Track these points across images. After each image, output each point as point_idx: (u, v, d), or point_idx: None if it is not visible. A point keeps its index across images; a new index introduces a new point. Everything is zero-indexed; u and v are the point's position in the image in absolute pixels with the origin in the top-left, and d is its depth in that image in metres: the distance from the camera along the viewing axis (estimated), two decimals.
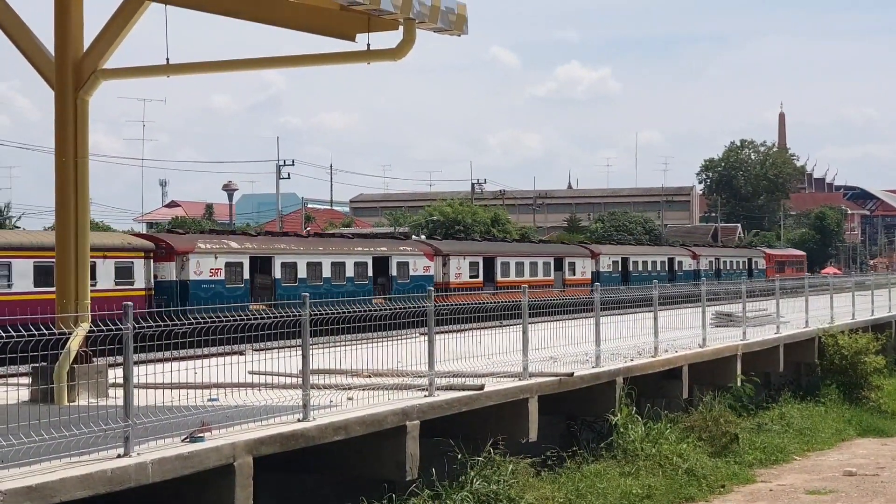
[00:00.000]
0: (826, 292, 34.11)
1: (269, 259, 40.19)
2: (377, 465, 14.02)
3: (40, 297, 28.66)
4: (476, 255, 51.37)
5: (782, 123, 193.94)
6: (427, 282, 44.88)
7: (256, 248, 40.29)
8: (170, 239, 38.29)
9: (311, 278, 41.23)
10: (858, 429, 26.27)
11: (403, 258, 46.27)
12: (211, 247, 38.47)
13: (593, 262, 60.44)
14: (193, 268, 37.01)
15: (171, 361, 12.70)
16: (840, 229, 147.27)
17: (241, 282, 38.78)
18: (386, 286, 43.82)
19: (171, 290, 35.90)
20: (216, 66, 18.49)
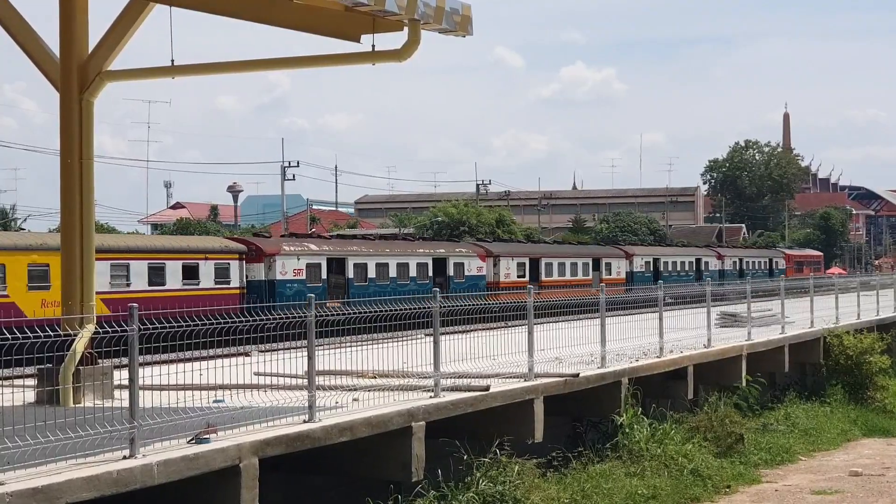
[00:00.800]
0: (831, 292, 34.08)
1: (343, 260, 43.51)
2: (383, 466, 14.03)
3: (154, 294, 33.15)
4: (523, 257, 54.60)
5: (787, 124, 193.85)
6: (480, 281, 48.81)
7: (332, 251, 43.69)
8: (259, 242, 41.43)
9: (380, 278, 44.51)
10: (864, 429, 26.25)
11: (459, 259, 49.59)
12: (294, 249, 41.60)
13: (628, 263, 63.19)
14: (279, 268, 40.23)
15: (176, 363, 12.71)
16: (845, 229, 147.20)
17: (319, 281, 41.69)
18: (444, 285, 45.85)
19: (261, 289, 38.91)
20: (221, 67, 18.51)
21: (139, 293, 32.96)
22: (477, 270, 50.30)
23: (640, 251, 67.63)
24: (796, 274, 79.51)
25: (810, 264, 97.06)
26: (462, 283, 47.65)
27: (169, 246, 37.78)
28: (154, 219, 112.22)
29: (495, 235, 75.74)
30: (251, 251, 39.95)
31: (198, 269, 36.55)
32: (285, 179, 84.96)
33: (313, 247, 43.22)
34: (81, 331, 14.72)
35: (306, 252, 42.07)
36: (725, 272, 70.96)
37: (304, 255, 41.70)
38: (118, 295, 32.25)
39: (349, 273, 43.42)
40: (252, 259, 39.63)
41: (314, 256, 42.21)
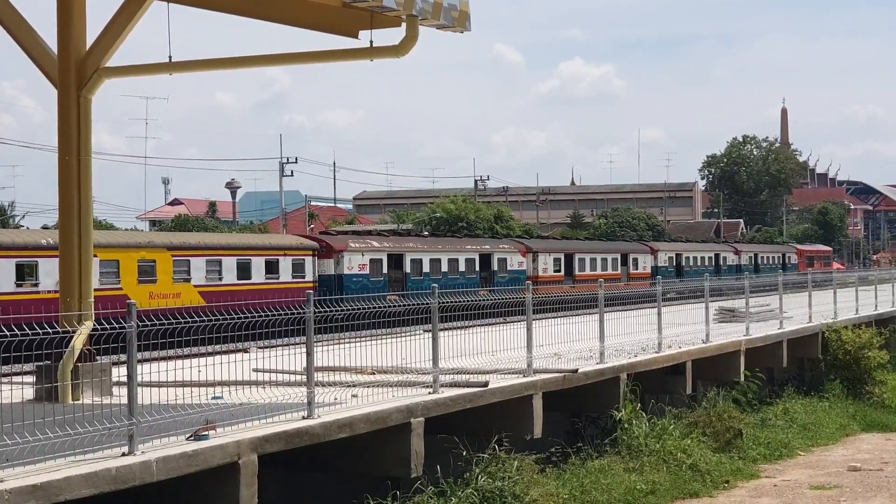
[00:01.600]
0: (829, 288, 34.10)
1: (401, 256, 46.83)
2: (382, 462, 14.03)
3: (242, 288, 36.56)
4: (559, 252, 58.51)
5: (784, 119, 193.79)
6: (521, 275, 51.98)
7: (391, 247, 46.95)
8: (329, 240, 44.96)
9: (433, 272, 47.56)
10: (862, 424, 26.27)
11: (503, 255, 52.95)
12: (359, 246, 45.13)
13: (653, 258, 66.57)
14: (346, 264, 43.77)
15: (174, 360, 12.70)
16: (843, 224, 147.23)
17: (381, 275, 45.19)
18: (488, 279, 50.01)
19: (331, 282, 41.95)
20: (219, 63, 18.49)
21: (229, 286, 36.59)
22: (518, 265, 53.51)
23: (665, 247, 70.80)
24: (807, 268, 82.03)
25: (821, 259, 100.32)
26: (505, 277, 51.17)
27: (254, 243, 40.81)
28: (152, 215, 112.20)
29: (493, 231, 75.74)
30: (322, 248, 43.16)
31: (278, 265, 39.71)
32: (283, 176, 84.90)
33: (375, 244, 46.53)
34: (80, 327, 14.71)
35: (369, 249, 45.49)
36: (742, 267, 74.10)
37: (368, 252, 45.14)
38: (212, 288, 36.09)
39: (406, 268, 46.73)
40: (323, 255, 42.87)
41: (376, 253, 45.56)
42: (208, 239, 40.40)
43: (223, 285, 36.59)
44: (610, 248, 65.56)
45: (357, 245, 45.12)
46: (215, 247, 38.55)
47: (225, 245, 39.21)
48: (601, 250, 63.12)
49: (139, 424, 10.76)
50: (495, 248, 53.37)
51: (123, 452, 10.55)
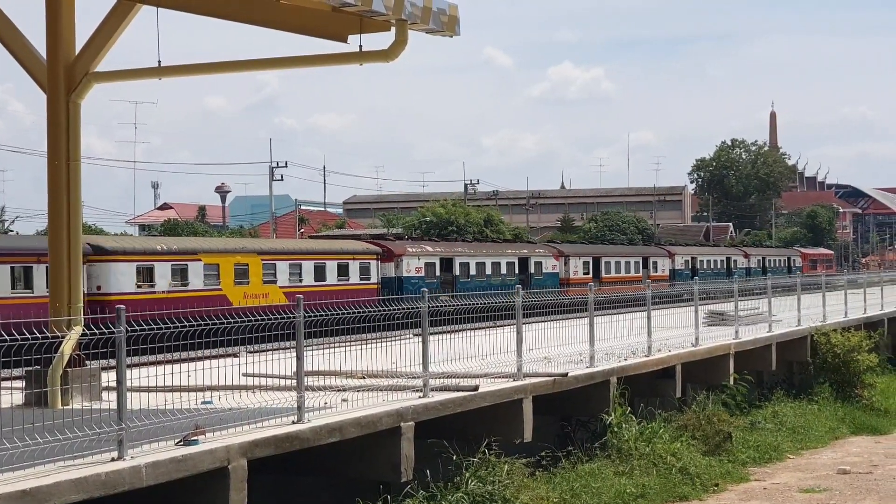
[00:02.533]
0: (818, 291, 34.16)
1: (451, 260, 51.08)
2: (372, 466, 14.03)
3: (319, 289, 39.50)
4: (587, 256, 63.00)
5: (773, 123, 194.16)
6: (555, 277, 56.67)
7: (443, 252, 51.25)
8: (390, 245, 48.42)
9: (479, 275, 51.63)
10: (852, 427, 26.31)
11: (538, 259, 57.45)
12: (415, 251, 49.18)
13: (671, 261, 70.87)
14: (405, 267, 47.55)
15: (164, 364, 12.70)
16: (832, 228, 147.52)
17: (434, 278, 48.57)
18: (526, 281, 52.63)
19: (391, 284, 45.42)
20: (208, 67, 18.48)
21: (308, 287, 39.35)
22: (552, 268, 57.95)
23: (681, 251, 74.87)
24: (811, 270, 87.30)
25: (823, 262, 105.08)
26: (541, 279, 55.10)
27: (327, 249, 44.88)
28: (142, 219, 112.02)
29: (483, 235, 75.78)
30: (384, 252, 46.78)
31: (348, 268, 43.89)
32: (274, 180, 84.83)
33: (429, 248, 50.82)
34: (69, 332, 14.69)
35: (425, 253, 49.55)
36: (751, 269, 78.27)
37: (423, 256, 49.15)
38: (294, 289, 38.09)
39: (456, 271, 50.76)
40: (385, 259, 46.54)
41: (430, 257, 49.68)
42: (290, 245, 45.10)
43: (303, 286, 39.13)
44: (632, 252, 69.91)
45: (413, 250, 49.16)
46: (296, 252, 42.86)
47: (304, 250, 43.56)
48: (625, 254, 67.58)
49: (129, 429, 10.75)
50: (532, 253, 57.93)
51: (113, 457, 10.54)
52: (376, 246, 47.12)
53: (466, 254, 52.23)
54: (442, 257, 50.41)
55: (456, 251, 51.79)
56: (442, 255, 50.56)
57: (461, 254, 51.80)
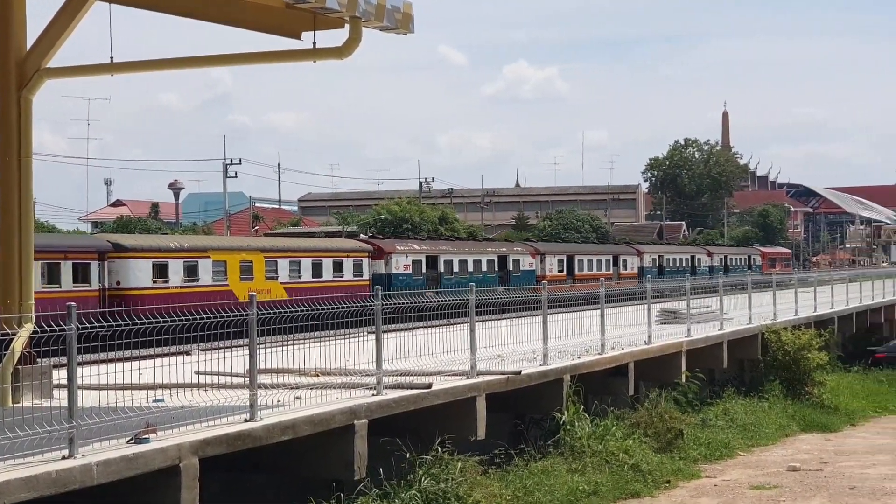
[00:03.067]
0: (769, 289, 34.45)
1: (436, 257, 53.32)
2: (325, 464, 14.01)
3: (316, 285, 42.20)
4: (562, 254, 65.67)
5: (726, 123, 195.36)
6: (531, 274, 58.33)
7: (429, 250, 53.65)
8: (380, 243, 50.95)
9: (461, 272, 53.79)
10: (802, 424, 26.57)
11: (516, 256, 59.85)
12: (404, 248, 51.65)
13: (639, 259, 73.21)
14: (394, 264, 49.87)
15: (116, 362, 12.62)
16: (783, 227, 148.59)
17: (420, 275, 51.21)
18: (505, 277, 55.82)
19: (381, 280, 46.29)
20: (160, 64, 18.37)
21: (306, 283, 42.57)
22: (529, 265, 60.23)
23: (649, 250, 77.75)
24: (770, 268, 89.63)
25: (781, 260, 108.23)
26: (519, 275, 57.46)
27: (323, 247, 47.29)
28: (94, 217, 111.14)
29: (438, 233, 75.80)
30: (375, 251, 49.22)
31: (343, 265, 46.14)
32: (227, 177, 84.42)
33: (416, 247, 53.21)
34: (20, 330, 14.56)
35: (412, 251, 51.97)
36: (714, 267, 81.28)
37: (411, 254, 51.49)
38: (294, 284, 42.21)
39: (440, 268, 53.14)
40: (376, 257, 48.89)
41: (417, 255, 52.02)
42: (290, 243, 46.88)
43: (302, 282, 42.54)
44: (604, 250, 73.53)
45: (402, 248, 51.67)
46: (296, 249, 45.20)
47: (303, 248, 46.00)
48: (597, 252, 70.93)
49: (80, 427, 10.68)
50: (510, 251, 60.63)
51: (64, 455, 10.47)
52: (368, 244, 49.81)
53: (450, 252, 54.82)
54: (428, 255, 52.79)
55: (440, 249, 54.41)
56: (428, 252, 53.03)
57: (445, 252, 54.37)
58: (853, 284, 44.64)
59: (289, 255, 43.82)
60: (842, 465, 21.45)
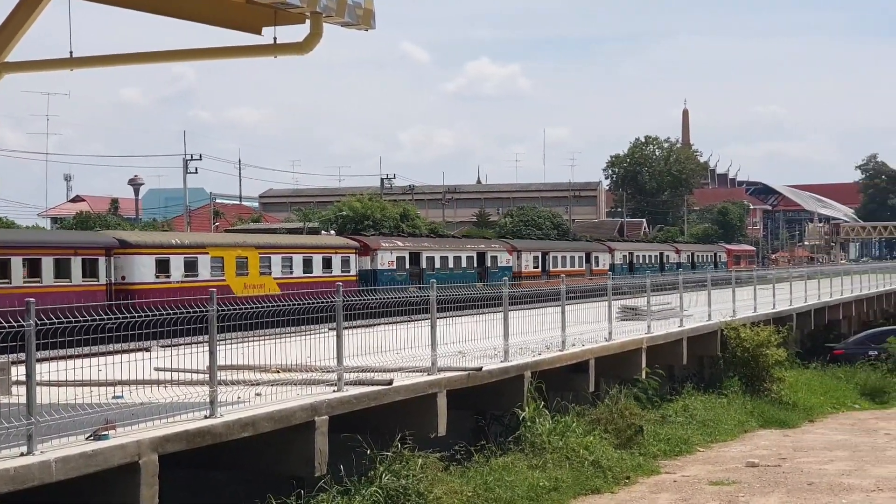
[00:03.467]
0: (729, 286, 34.65)
1: (419, 254, 55.12)
2: (286, 461, 13.99)
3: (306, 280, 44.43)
4: (537, 251, 67.46)
5: (686, 120, 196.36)
6: (508, 270, 59.33)
7: (412, 246, 55.46)
8: (366, 240, 53.06)
9: (443, 268, 55.59)
10: (760, 420, 26.76)
11: (494, 253, 61.82)
12: (388, 245, 53.42)
13: (611, 256, 75.19)
14: (380, 260, 51.47)
15: (74, 359, 12.53)
16: (742, 224, 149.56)
17: (404, 270, 52.91)
18: (483, 274, 57.57)
19: (367, 276, 49.35)
20: (120, 59, 18.21)
21: (298, 278, 44.24)
22: (506, 262, 61.99)
23: (619, 247, 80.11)
24: (735, 265, 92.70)
25: (746, 257, 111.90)
26: (497, 272, 57.88)
27: (314, 244, 49.14)
28: (53, 212, 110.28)
29: (399, 230, 75.71)
30: (361, 247, 50.83)
31: (331, 261, 47.90)
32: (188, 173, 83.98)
33: (400, 244, 55.04)
34: None
35: (396, 248, 53.67)
36: (682, 264, 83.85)
37: (395, 250, 53.13)
38: (286, 279, 43.93)
39: (423, 264, 54.66)
40: (362, 253, 50.49)
41: (401, 251, 53.68)
42: (283, 240, 48.77)
43: (294, 277, 44.27)
44: (577, 247, 75.72)
45: (387, 245, 53.44)
46: (288, 246, 46.87)
47: (294, 245, 47.81)
48: (569, 249, 73.01)
49: (38, 424, 10.62)
50: (489, 248, 62.53)
51: (22, 452, 10.41)
52: (355, 241, 51.76)
53: (432, 249, 56.98)
54: (411, 251, 54.74)
55: (423, 246, 56.72)
56: (411, 249, 55.00)
57: (427, 248, 56.61)
58: (812, 282, 44.96)
59: (281, 251, 45.57)
60: (800, 461, 21.63)
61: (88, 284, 36.08)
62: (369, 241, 52.61)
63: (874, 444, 24.46)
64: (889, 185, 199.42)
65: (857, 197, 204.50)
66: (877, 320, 52.67)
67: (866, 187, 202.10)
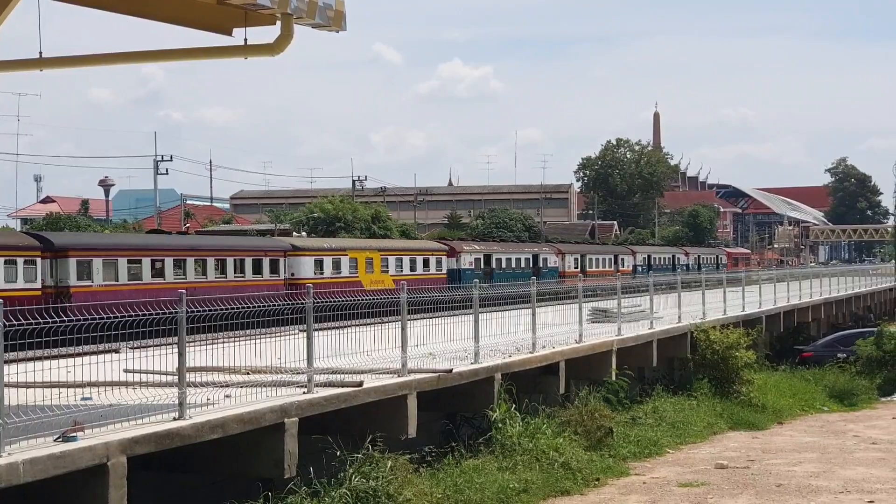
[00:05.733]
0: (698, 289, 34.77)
1: (490, 256, 64.88)
2: (255, 463, 13.95)
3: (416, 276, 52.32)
4: (577, 254, 77.09)
5: (657, 123, 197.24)
6: (556, 270, 69.70)
7: (484, 250, 65.53)
8: (453, 244, 63.06)
9: (507, 267, 64.73)
10: (729, 422, 26.86)
11: (545, 255, 71.60)
12: (469, 249, 63.28)
13: (633, 258, 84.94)
14: (463, 261, 60.94)
15: (43, 360, 12.47)
16: (713, 227, 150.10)
17: (480, 269, 61.31)
18: (536, 272, 63.76)
19: (454, 274, 57.75)
20: (90, 59, 18.12)
21: (408, 275, 50.85)
22: (554, 263, 71.47)
23: (640, 250, 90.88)
24: (734, 267, 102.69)
25: (743, 259, 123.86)
26: (546, 271, 67.79)
27: (418, 247, 60.03)
28: (23, 213, 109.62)
29: (371, 231, 75.66)
30: (449, 250, 60.28)
31: (429, 261, 57.06)
32: (158, 174, 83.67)
33: (476, 247, 65.09)
34: None
35: (474, 251, 63.56)
36: (690, 266, 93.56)
37: (473, 253, 62.98)
38: (399, 276, 50.01)
39: (493, 264, 64.06)
40: (450, 255, 59.79)
41: (477, 253, 63.51)
42: (397, 244, 60.06)
43: (404, 275, 50.96)
44: (607, 250, 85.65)
45: (468, 248, 63.36)
46: (401, 249, 57.29)
47: (403, 248, 58.09)
48: (601, 252, 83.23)
49: (6, 425, 10.56)
50: (541, 251, 72.64)
51: None
52: (444, 245, 61.85)
53: (499, 252, 66.80)
54: (484, 254, 64.51)
55: (493, 249, 66.86)
56: (484, 252, 64.89)
57: (496, 251, 66.52)
58: (781, 284, 45.19)
59: (395, 253, 55.61)
60: (768, 463, 21.73)
61: (273, 280, 44.72)
62: (455, 245, 62.78)
63: (842, 445, 24.60)
64: (858, 188, 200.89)
65: (826, 200, 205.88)
66: (845, 323, 53.03)
67: (836, 190, 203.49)
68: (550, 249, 74.48)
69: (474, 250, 63.84)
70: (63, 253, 36.01)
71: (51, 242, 36.19)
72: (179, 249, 41.55)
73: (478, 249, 64.77)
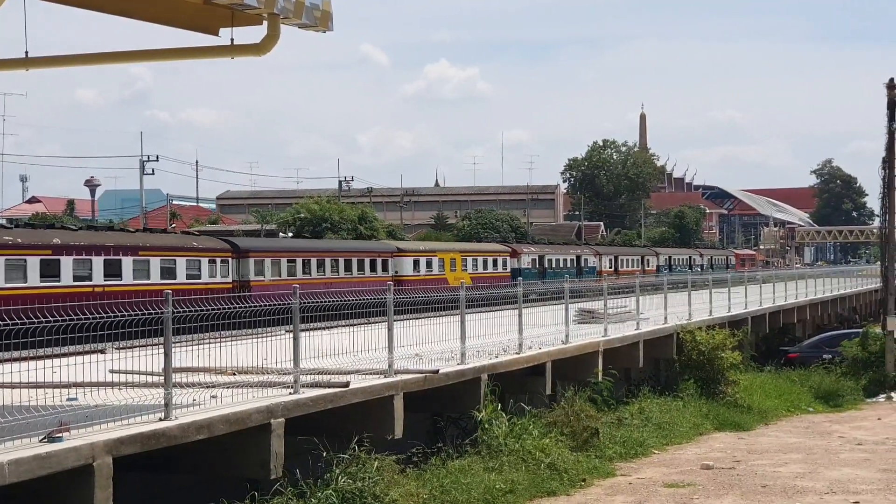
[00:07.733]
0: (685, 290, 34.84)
1: (543, 256, 73.57)
2: (241, 463, 13.93)
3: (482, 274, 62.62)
4: (611, 255, 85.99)
5: (643, 124, 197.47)
6: (594, 269, 78.34)
7: (539, 251, 74.58)
8: (514, 246, 72.12)
9: (557, 267, 73.18)
10: (715, 423, 26.91)
11: (586, 256, 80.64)
12: (527, 250, 72.48)
13: (657, 259, 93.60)
14: (523, 261, 69.26)
15: (28, 360, 12.43)
16: (698, 228, 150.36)
17: (536, 269, 70.02)
18: (578, 272, 74.71)
19: (515, 273, 62.21)
20: (76, 59, 18.07)
21: (477, 273, 61.43)
22: (593, 263, 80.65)
23: (662, 251, 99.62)
24: (741, 267, 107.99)
25: (750, 260, 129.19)
26: (587, 270, 77.65)
27: (486, 249, 69.06)
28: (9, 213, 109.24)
29: (358, 232, 75.61)
30: (512, 251, 68.83)
31: (497, 261, 65.90)
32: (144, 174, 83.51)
33: (533, 249, 74.80)
34: None
35: (531, 252, 72.66)
36: (704, 266, 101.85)
37: (531, 254, 71.94)
38: (474, 274, 61.15)
39: (546, 264, 72.53)
40: (512, 255, 68.14)
41: (534, 254, 72.41)
42: (473, 247, 70.09)
43: (475, 273, 61.45)
44: (635, 252, 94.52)
45: (526, 250, 72.51)
46: (476, 251, 66.54)
47: (480, 250, 67.72)
48: (631, 253, 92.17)
49: None
50: (583, 252, 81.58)
51: None
52: (507, 247, 70.73)
53: (550, 253, 75.62)
54: (539, 255, 73.01)
55: (545, 251, 75.61)
56: (539, 253, 73.59)
57: (548, 253, 75.23)
58: (766, 285, 45.31)
59: (471, 254, 64.33)
60: (754, 464, 21.77)
61: (383, 276, 50.37)
62: (516, 247, 71.70)
63: (828, 446, 24.67)
64: (844, 189, 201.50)
65: (812, 201, 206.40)
66: (831, 324, 53.24)
67: (821, 192, 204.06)
68: (590, 251, 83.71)
69: (531, 252, 73.51)
70: (245, 254, 44.51)
71: (237, 246, 44.72)
72: (320, 252, 50.94)
73: (534, 251, 74.51)
